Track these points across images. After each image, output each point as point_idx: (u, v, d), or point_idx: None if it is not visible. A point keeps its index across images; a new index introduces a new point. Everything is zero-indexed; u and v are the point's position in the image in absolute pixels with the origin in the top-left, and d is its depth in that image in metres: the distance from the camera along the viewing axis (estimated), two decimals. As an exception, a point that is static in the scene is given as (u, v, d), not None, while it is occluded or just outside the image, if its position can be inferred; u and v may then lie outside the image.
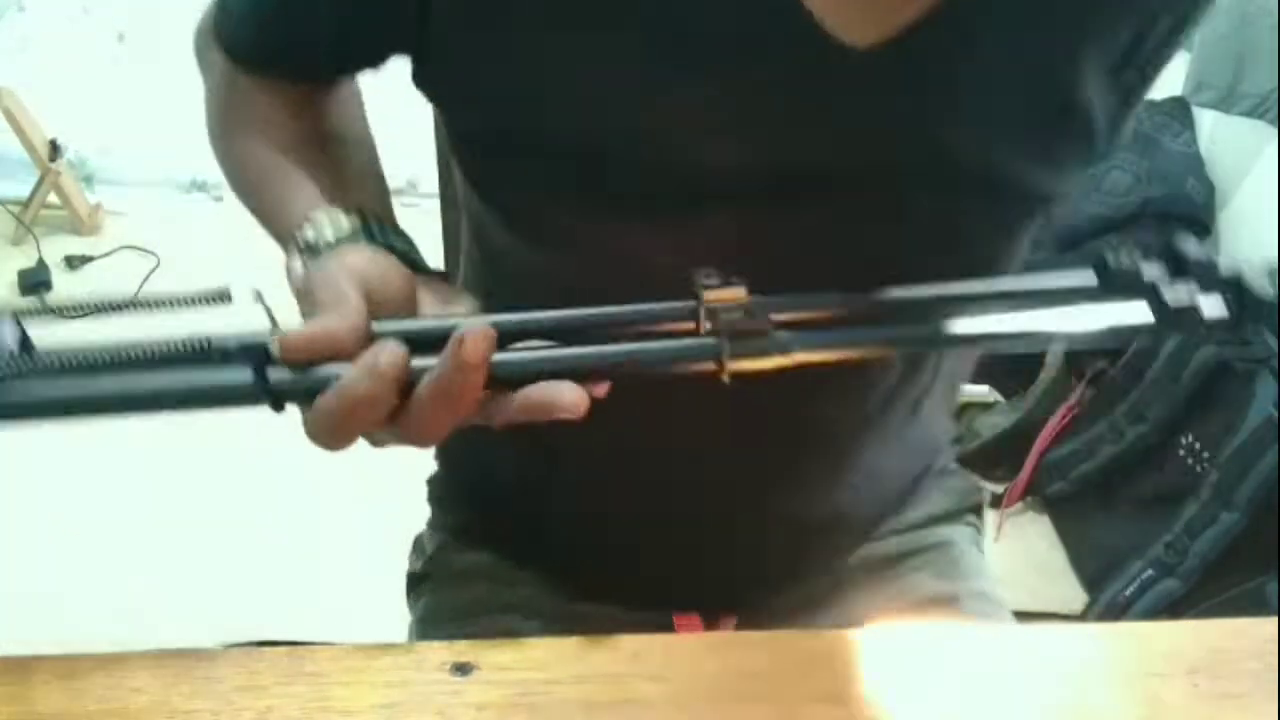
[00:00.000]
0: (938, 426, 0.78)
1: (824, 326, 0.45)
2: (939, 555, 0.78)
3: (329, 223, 0.51)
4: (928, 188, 0.56)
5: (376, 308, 0.45)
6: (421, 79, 0.59)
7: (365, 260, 0.49)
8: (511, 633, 0.70)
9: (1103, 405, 1.55)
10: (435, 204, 1.36)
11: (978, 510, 0.83)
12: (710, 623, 0.75)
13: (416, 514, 0.89)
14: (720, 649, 0.56)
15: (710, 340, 0.43)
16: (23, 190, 2.39)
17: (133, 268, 2.32)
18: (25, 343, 0.46)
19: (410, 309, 0.49)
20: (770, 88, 0.53)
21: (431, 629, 0.77)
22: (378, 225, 0.52)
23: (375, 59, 0.61)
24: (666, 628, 0.75)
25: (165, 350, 0.43)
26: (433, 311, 0.49)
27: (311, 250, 0.51)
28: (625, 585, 0.74)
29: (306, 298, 0.47)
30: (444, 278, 0.53)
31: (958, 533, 0.80)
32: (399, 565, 0.85)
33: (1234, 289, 0.44)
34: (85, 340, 0.49)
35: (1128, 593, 1.40)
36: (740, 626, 0.76)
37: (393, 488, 1.80)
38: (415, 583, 0.81)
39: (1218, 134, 1.87)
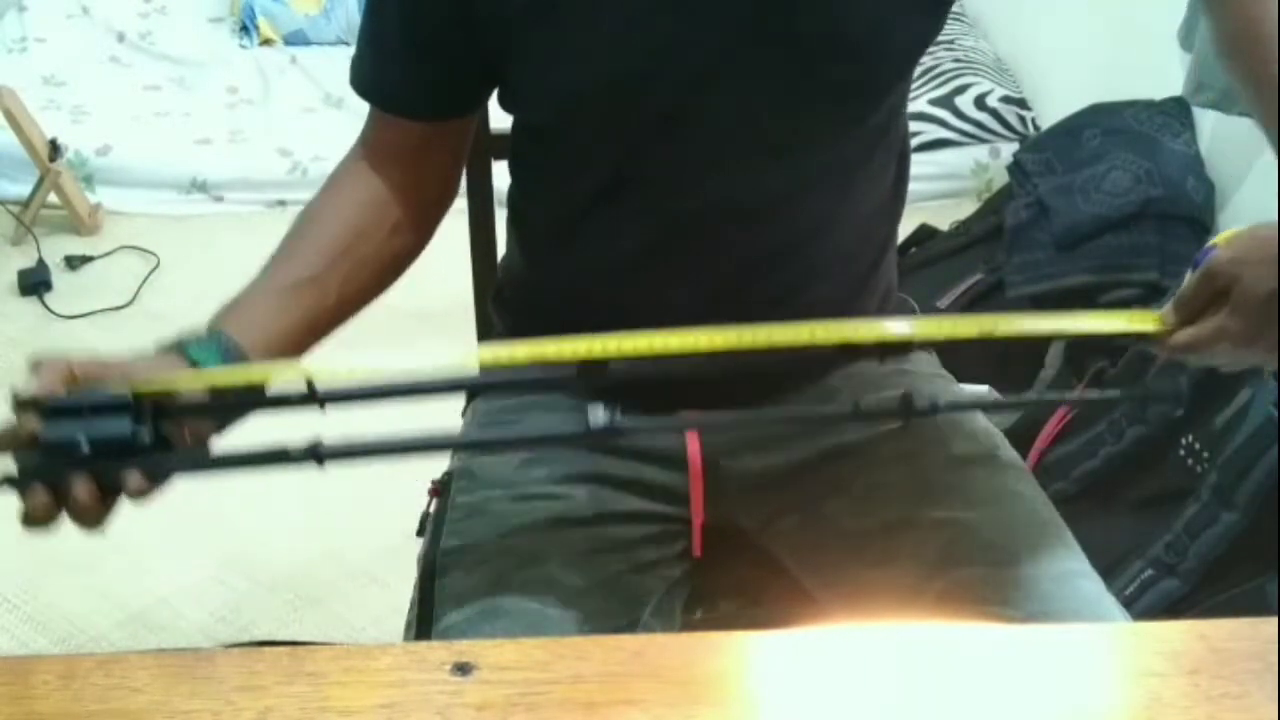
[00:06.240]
0: (891, 273, 0.97)
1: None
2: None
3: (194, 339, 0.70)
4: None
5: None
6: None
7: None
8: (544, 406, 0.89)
9: (1103, 405, 1.55)
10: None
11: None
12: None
13: (415, 515, 0.89)
14: (722, 649, 0.56)
15: None
16: (23, 190, 2.39)
17: (133, 268, 2.32)
18: None
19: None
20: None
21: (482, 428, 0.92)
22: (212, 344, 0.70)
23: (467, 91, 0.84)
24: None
25: None
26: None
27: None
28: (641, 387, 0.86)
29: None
30: None
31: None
32: (399, 565, 0.85)
33: None
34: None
35: (1128, 593, 1.40)
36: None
37: (393, 489, 1.80)
38: (470, 397, 0.98)
39: (1218, 134, 1.87)
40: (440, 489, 0.88)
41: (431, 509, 0.88)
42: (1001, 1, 2.82)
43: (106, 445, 0.60)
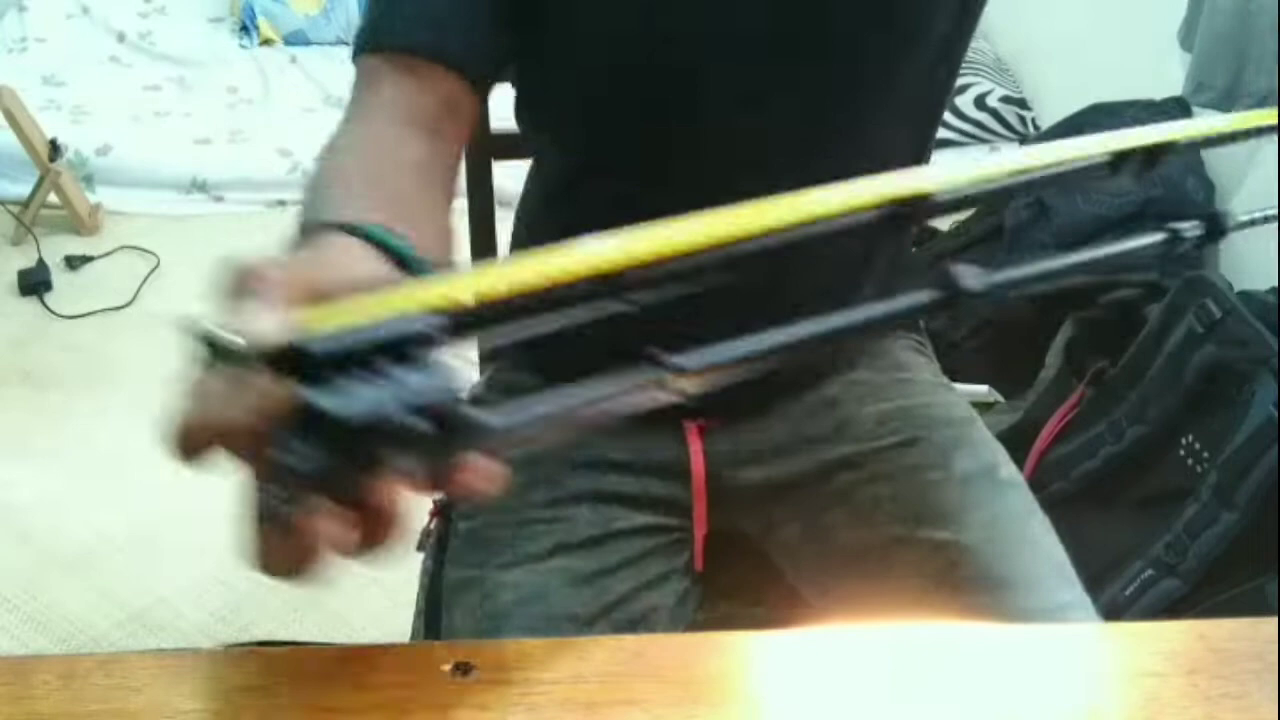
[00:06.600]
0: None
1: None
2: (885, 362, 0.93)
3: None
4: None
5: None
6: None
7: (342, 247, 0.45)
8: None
9: (1103, 405, 1.55)
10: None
11: (912, 327, 0.99)
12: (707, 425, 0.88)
13: (417, 516, 0.89)
14: (722, 649, 0.56)
15: None
16: (23, 190, 2.39)
17: (133, 268, 2.32)
18: None
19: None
20: None
21: None
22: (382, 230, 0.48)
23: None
24: (674, 432, 0.88)
25: None
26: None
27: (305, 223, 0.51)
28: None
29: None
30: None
31: (898, 344, 0.96)
32: (399, 565, 0.84)
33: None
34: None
35: (1128, 593, 1.40)
36: (729, 427, 0.88)
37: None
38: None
39: (1218, 134, 1.87)
40: (441, 510, 0.86)
41: (432, 528, 0.86)
42: (1001, 1, 2.82)
43: (438, 418, 0.33)
